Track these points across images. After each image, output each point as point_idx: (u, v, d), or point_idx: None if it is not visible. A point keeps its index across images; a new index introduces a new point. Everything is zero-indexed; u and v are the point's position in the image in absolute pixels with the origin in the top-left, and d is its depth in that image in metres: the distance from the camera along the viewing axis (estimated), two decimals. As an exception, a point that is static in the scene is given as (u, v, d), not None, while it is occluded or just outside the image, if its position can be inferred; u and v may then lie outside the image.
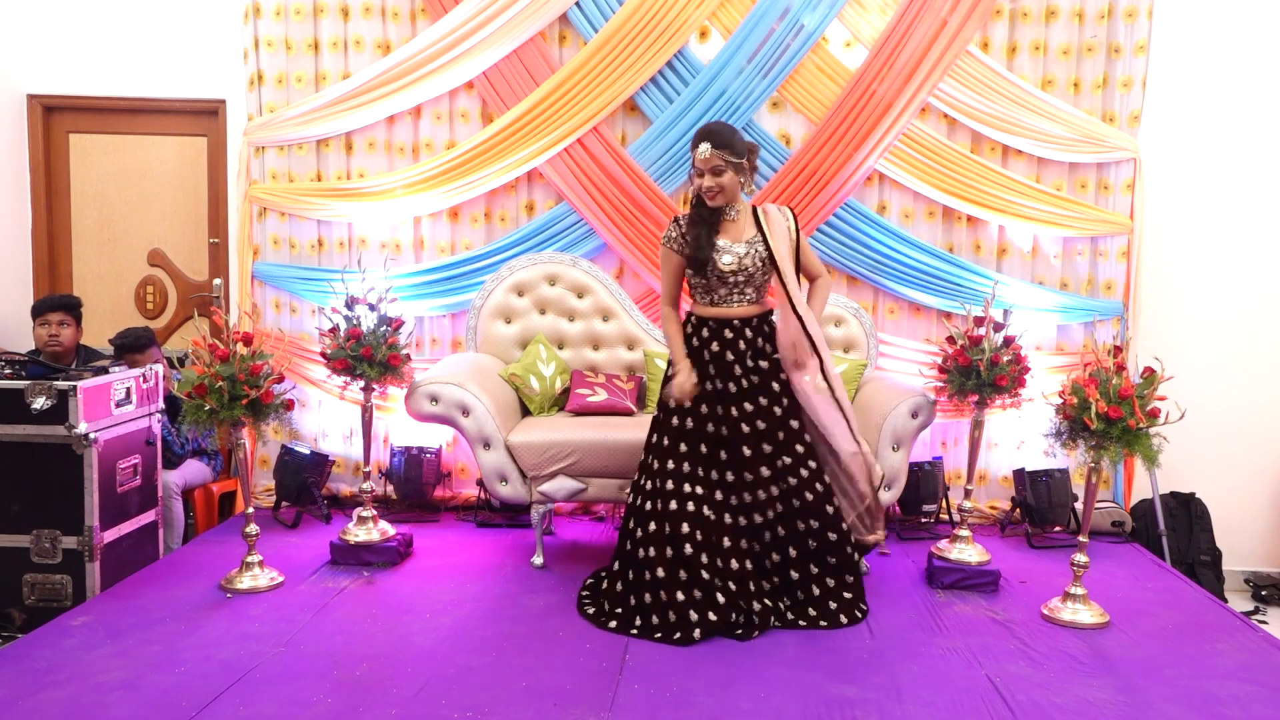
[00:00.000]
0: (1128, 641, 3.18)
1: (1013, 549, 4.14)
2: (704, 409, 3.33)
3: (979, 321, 3.80)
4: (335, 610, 3.33)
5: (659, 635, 3.12)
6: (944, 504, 4.40)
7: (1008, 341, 3.75)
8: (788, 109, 4.51)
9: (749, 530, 3.30)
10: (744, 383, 3.33)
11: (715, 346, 3.35)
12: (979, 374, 3.70)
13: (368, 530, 3.86)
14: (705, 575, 3.17)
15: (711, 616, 3.13)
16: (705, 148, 3.22)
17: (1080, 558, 3.35)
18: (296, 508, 4.41)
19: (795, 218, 3.42)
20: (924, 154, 4.43)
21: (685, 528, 3.21)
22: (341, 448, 4.73)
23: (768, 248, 3.30)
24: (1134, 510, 4.48)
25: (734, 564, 3.24)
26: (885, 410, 3.73)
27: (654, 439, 3.41)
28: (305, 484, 4.43)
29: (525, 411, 4.14)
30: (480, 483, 4.41)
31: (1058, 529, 4.27)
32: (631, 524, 3.36)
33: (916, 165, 4.43)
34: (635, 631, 3.16)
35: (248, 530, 3.55)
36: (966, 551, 3.77)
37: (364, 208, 4.59)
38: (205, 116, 4.84)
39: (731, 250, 3.29)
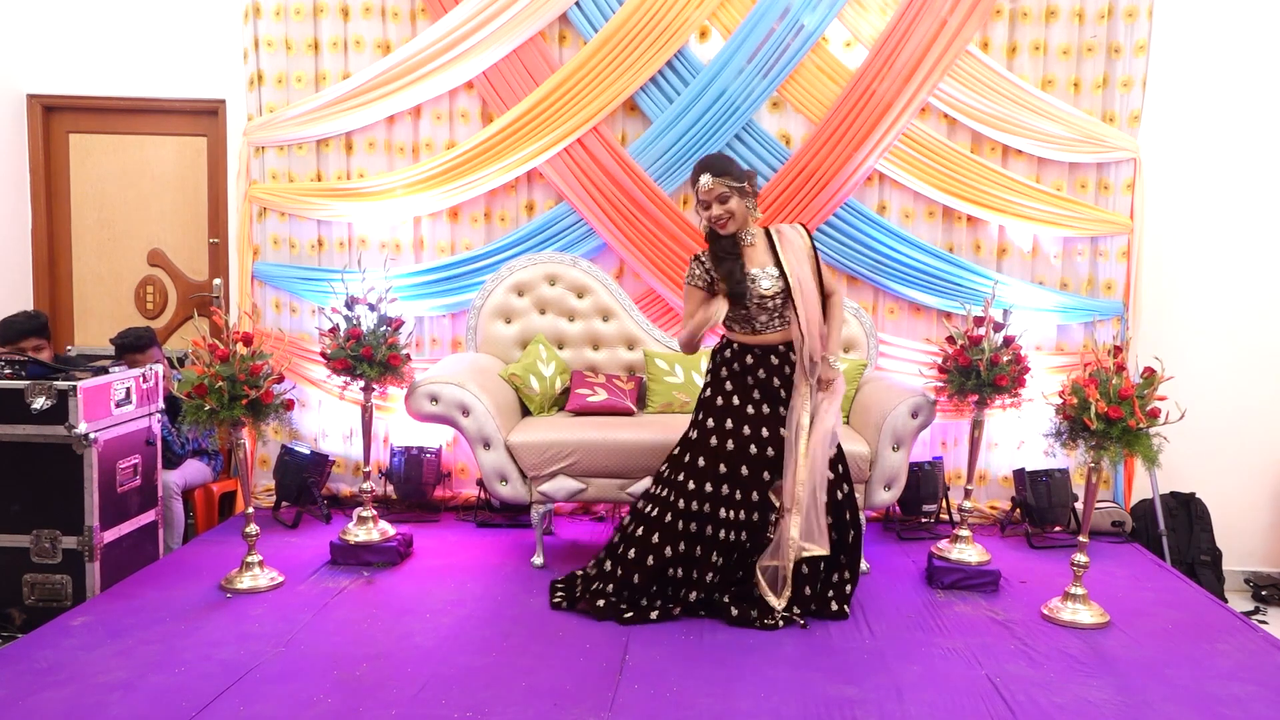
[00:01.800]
0: (1128, 641, 3.18)
1: (1013, 549, 4.14)
2: (747, 430, 3.31)
3: (979, 321, 3.81)
4: (335, 610, 3.33)
5: (621, 614, 3.25)
6: (944, 504, 4.40)
7: (1008, 341, 3.75)
8: (788, 109, 4.51)
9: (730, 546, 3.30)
10: (781, 409, 3.34)
11: (762, 373, 3.34)
12: (979, 374, 3.70)
13: (368, 530, 3.86)
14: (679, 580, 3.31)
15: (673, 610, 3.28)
16: (706, 179, 3.24)
17: (1080, 558, 3.35)
18: (296, 508, 4.41)
19: (809, 234, 3.42)
20: (924, 154, 4.43)
21: (682, 546, 3.27)
22: (341, 448, 4.73)
23: (781, 270, 3.31)
24: (1134, 510, 4.48)
25: (709, 576, 3.30)
26: (885, 410, 3.73)
27: (687, 457, 3.36)
28: (305, 484, 4.42)
29: (525, 411, 4.14)
30: (480, 483, 4.41)
31: (1058, 529, 4.27)
32: (638, 530, 3.35)
33: (916, 165, 4.43)
34: (626, 617, 3.24)
35: (248, 530, 3.55)
36: (966, 551, 3.77)
37: (364, 208, 4.59)
38: (205, 116, 4.84)
39: (766, 274, 3.31)
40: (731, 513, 3.27)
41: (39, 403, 3.40)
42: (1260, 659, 3.06)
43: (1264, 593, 4.40)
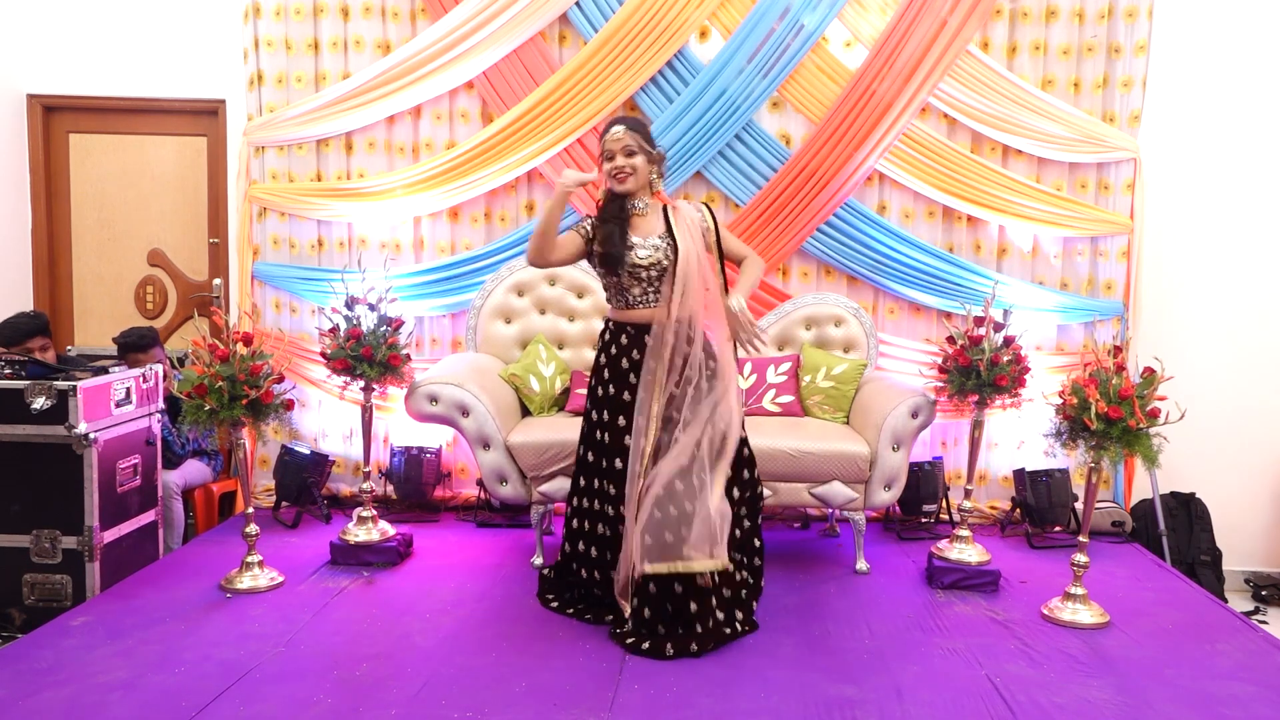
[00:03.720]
0: (1128, 641, 3.18)
1: (1013, 549, 4.14)
2: (623, 421, 3.20)
3: (979, 321, 3.81)
4: (335, 610, 3.33)
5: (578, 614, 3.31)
6: (944, 504, 4.39)
7: (1008, 341, 3.75)
8: (788, 109, 4.51)
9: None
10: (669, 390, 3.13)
11: (636, 354, 3.20)
12: (979, 374, 3.70)
13: (368, 530, 3.86)
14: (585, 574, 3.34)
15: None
16: (619, 129, 3.17)
17: (1080, 558, 3.35)
18: (296, 508, 4.41)
19: (711, 211, 3.32)
20: (924, 154, 4.42)
21: (591, 528, 3.33)
22: (341, 448, 4.73)
23: (673, 241, 3.18)
24: (1134, 510, 4.48)
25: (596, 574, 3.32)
26: (885, 410, 3.73)
27: (580, 451, 3.38)
28: (305, 484, 4.42)
29: (525, 412, 4.14)
30: (480, 483, 4.41)
31: (1058, 529, 4.27)
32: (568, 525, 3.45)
33: (916, 165, 4.43)
34: (570, 612, 3.32)
35: (248, 530, 3.55)
36: (966, 551, 3.77)
37: (364, 208, 4.59)
38: (205, 116, 4.84)
39: (648, 244, 3.17)
40: (613, 509, 3.23)
41: (39, 403, 3.40)
42: (1260, 659, 3.06)
43: (1264, 593, 4.39)
